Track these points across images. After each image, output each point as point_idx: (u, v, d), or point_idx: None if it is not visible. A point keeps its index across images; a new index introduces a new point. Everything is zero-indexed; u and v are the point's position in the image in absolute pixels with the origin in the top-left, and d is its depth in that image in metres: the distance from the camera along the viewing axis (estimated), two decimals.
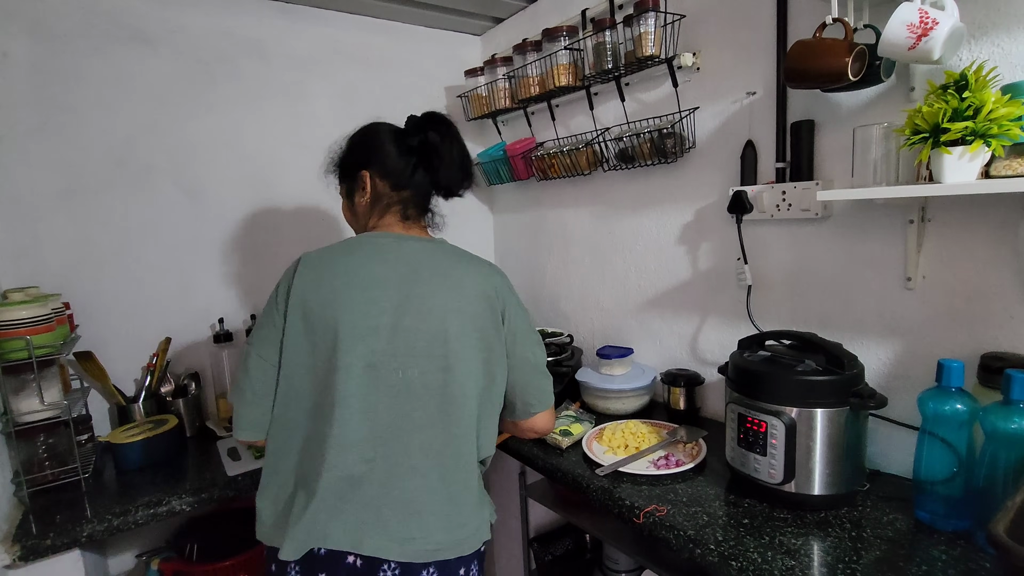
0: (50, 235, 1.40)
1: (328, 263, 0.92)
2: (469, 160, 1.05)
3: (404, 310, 0.89)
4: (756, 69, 1.24)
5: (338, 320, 0.87)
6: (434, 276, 0.93)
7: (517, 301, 1.01)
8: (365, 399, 0.87)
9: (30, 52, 1.36)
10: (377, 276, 0.91)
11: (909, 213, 1.02)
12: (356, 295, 0.89)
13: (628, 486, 1.11)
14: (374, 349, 0.88)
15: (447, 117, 1.02)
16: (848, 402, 0.95)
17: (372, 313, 0.88)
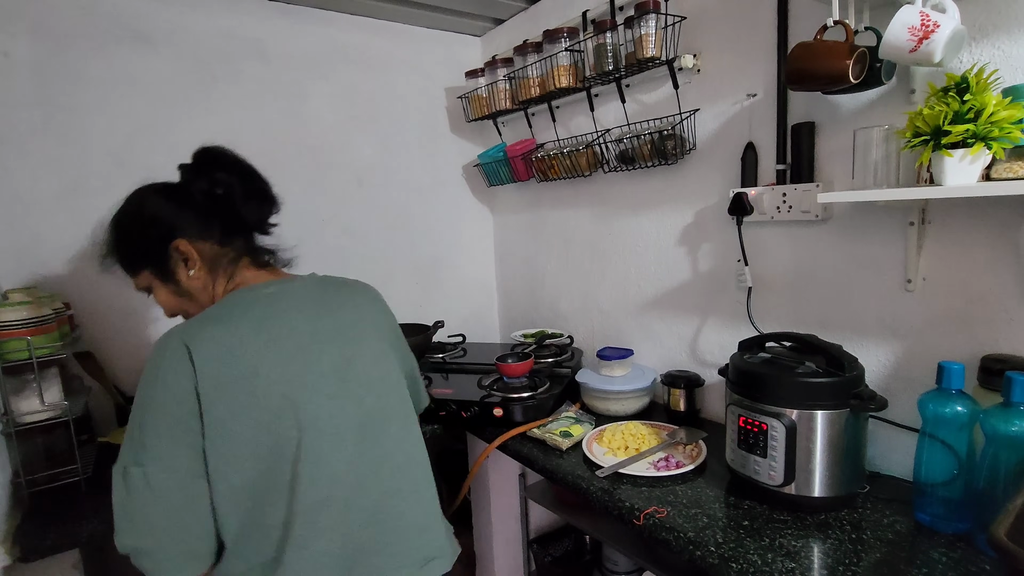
0: (51, 235, 1.40)
1: (230, 333, 0.77)
2: (266, 183, 0.93)
3: (335, 344, 0.85)
4: (757, 71, 1.25)
5: (286, 381, 0.78)
6: (342, 306, 0.90)
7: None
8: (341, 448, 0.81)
9: (31, 52, 1.36)
10: (293, 324, 0.82)
11: (910, 215, 1.02)
12: (284, 350, 0.80)
13: (628, 487, 1.11)
14: (331, 394, 0.81)
15: (223, 149, 0.92)
16: (848, 404, 0.95)
17: (311, 362, 0.81)
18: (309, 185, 1.76)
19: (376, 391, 0.87)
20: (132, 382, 1.50)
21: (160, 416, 0.74)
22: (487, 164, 1.93)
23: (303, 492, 0.77)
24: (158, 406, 0.74)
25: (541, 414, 1.44)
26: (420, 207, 2.01)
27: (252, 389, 0.76)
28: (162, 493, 0.73)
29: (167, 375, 0.74)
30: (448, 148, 2.06)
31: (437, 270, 2.08)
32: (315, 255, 1.82)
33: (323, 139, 1.79)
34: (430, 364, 1.79)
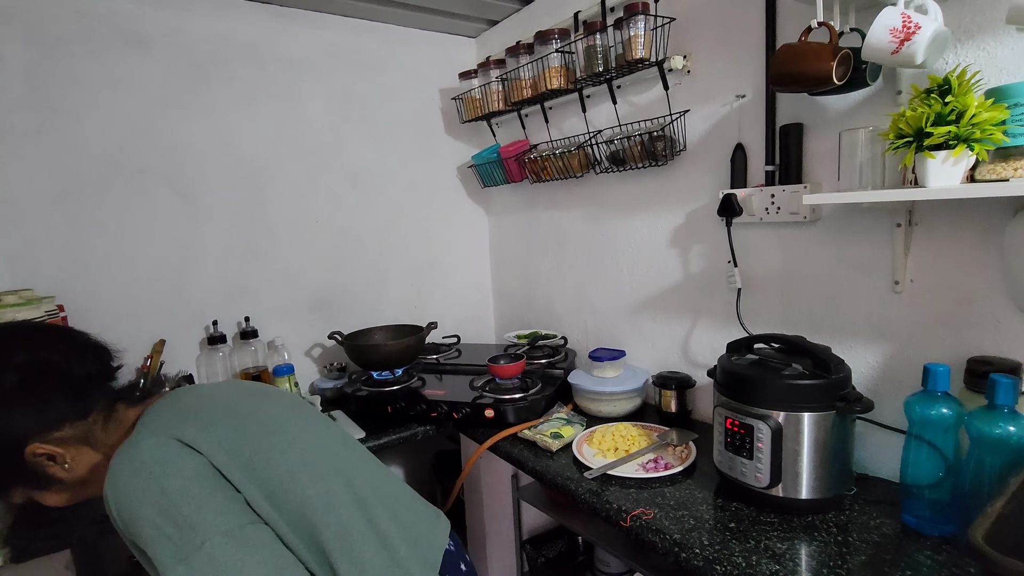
0: (45, 237, 1.41)
1: (208, 429, 0.74)
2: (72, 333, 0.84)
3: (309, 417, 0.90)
4: (745, 72, 1.24)
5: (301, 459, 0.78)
6: (267, 392, 0.93)
7: None
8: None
9: (25, 55, 1.37)
10: (255, 408, 0.84)
11: (896, 217, 1.02)
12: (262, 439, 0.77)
13: (616, 489, 1.11)
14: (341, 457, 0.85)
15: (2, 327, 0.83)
16: (835, 406, 0.95)
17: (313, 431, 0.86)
18: (303, 187, 1.77)
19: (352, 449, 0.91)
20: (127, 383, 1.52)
21: (192, 492, 0.67)
22: (481, 165, 1.93)
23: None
24: (180, 490, 0.66)
25: (532, 415, 1.44)
26: (414, 208, 2.01)
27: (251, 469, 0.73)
28: (252, 544, 0.67)
29: (172, 465, 0.68)
30: (442, 149, 2.07)
31: (432, 271, 2.09)
32: (310, 257, 1.85)
33: (317, 141, 1.80)
34: (424, 365, 1.79)
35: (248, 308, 1.69)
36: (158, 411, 0.78)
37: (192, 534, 0.64)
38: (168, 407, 0.79)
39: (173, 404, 0.80)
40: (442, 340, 1.98)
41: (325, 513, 0.74)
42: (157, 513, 0.65)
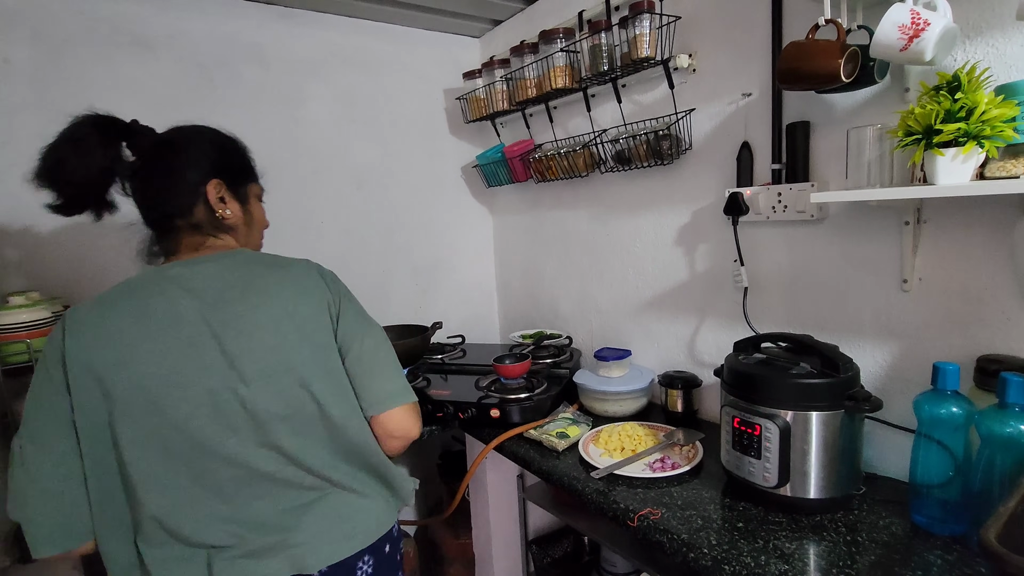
0: (51, 239, 1.42)
1: (105, 314, 0.78)
2: None
3: (227, 337, 0.79)
4: (751, 70, 1.24)
5: (144, 377, 0.76)
6: (247, 291, 0.82)
7: (348, 294, 0.93)
8: (226, 445, 0.79)
9: (31, 58, 1.37)
10: (178, 311, 0.79)
11: (904, 215, 1.01)
12: (161, 340, 0.77)
13: (623, 489, 1.10)
14: (210, 389, 0.78)
15: None
16: (843, 405, 0.95)
17: (191, 353, 0.78)
18: (308, 187, 1.77)
19: (272, 389, 0.80)
20: None
21: (37, 393, 0.77)
22: (486, 165, 1.93)
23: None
24: (37, 383, 0.77)
25: (538, 415, 1.44)
26: (419, 208, 2.01)
27: (114, 380, 0.76)
28: (33, 471, 0.75)
29: (45, 354, 0.77)
30: (447, 149, 2.07)
31: (437, 271, 2.09)
32: (314, 258, 1.84)
33: (322, 141, 1.80)
34: (429, 365, 1.79)
35: None
36: (123, 283, 0.83)
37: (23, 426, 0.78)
38: (126, 285, 0.83)
39: (135, 282, 0.83)
40: (447, 340, 1.98)
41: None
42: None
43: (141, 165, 0.89)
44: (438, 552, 1.88)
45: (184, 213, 0.87)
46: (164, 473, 0.78)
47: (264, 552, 0.80)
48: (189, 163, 0.89)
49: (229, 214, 0.90)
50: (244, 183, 0.95)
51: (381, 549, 0.89)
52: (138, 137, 0.89)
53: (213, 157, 0.91)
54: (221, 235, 0.90)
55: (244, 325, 0.80)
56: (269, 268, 0.87)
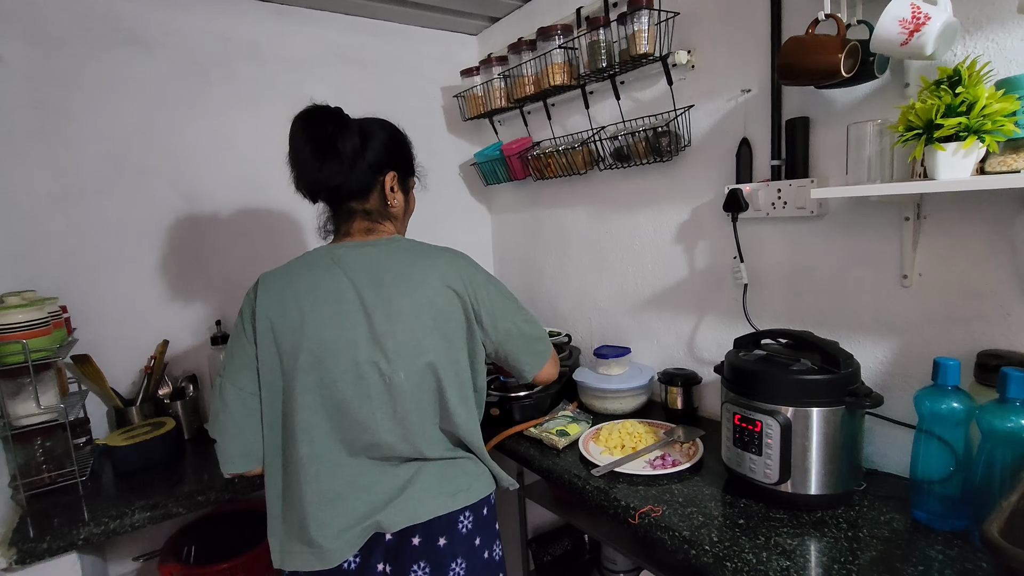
0: (47, 238, 1.41)
1: (288, 282, 0.94)
2: None
3: (375, 318, 0.90)
4: (750, 66, 1.24)
5: (310, 339, 0.89)
6: (397, 278, 0.93)
7: (486, 278, 1.01)
8: (360, 410, 0.91)
9: (26, 55, 1.36)
10: (340, 288, 0.92)
11: (905, 210, 1.01)
12: (325, 311, 0.90)
13: (624, 486, 1.10)
14: (356, 360, 0.90)
15: None
16: (844, 401, 0.95)
17: (345, 326, 0.90)
18: None
19: (406, 369, 0.91)
20: (130, 385, 1.52)
21: (234, 339, 0.94)
22: (484, 163, 1.93)
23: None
24: (235, 331, 0.95)
25: (538, 413, 1.43)
26: (417, 206, 2.00)
27: (284, 343, 0.91)
28: (228, 405, 0.91)
29: (242, 309, 0.95)
30: (445, 147, 2.06)
31: None
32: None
33: None
34: None
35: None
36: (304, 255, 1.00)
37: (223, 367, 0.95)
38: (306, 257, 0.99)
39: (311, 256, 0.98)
40: None
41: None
42: None
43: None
44: None
45: (362, 197, 0.98)
46: (315, 423, 0.90)
47: (384, 505, 0.91)
48: (379, 152, 0.98)
49: (396, 203, 1.02)
50: (409, 175, 1.06)
51: (480, 510, 0.98)
52: (350, 123, 0.95)
53: (392, 150, 1.01)
54: (385, 222, 1.02)
55: (391, 308, 0.91)
56: (419, 258, 0.96)
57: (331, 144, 0.92)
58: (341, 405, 0.90)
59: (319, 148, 0.92)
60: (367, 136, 0.97)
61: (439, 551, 0.92)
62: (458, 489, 0.96)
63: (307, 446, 0.90)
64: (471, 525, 0.96)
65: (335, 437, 0.91)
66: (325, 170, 0.92)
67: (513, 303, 1.04)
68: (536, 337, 1.06)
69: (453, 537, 0.94)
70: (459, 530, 0.95)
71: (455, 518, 0.94)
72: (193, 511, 1.20)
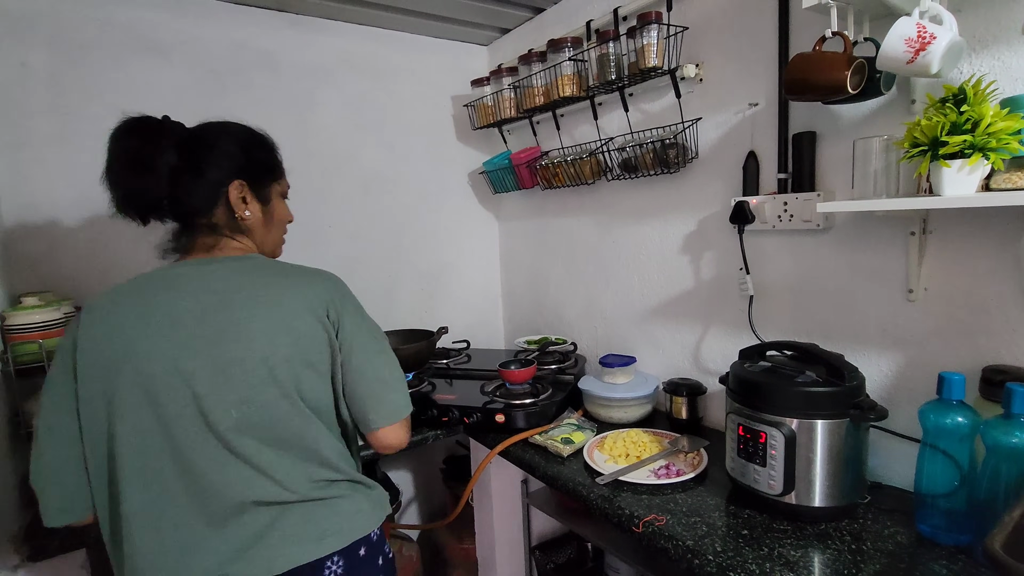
0: (65, 241, 1.43)
1: (114, 308, 0.81)
2: None
3: (220, 343, 0.80)
4: (758, 80, 1.25)
5: (141, 373, 0.78)
6: (249, 299, 0.82)
7: (356, 308, 0.92)
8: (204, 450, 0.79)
9: (48, 62, 1.40)
10: (177, 312, 0.80)
11: (910, 225, 1.02)
12: (158, 339, 0.79)
13: (628, 495, 1.11)
14: (196, 393, 0.78)
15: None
16: (848, 414, 0.95)
17: (182, 356, 0.78)
18: (316, 192, 1.79)
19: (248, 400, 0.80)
20: None
21: (51, 377, 0.81)
22: (492, 172, 1.95)
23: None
24: (53, 368, 0.82)
25: (543, 421, 1.44)
26: (426, 214, 2.03)
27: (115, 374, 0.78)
28: (42, 450, 0.80)
29: (63, 341, 0.82)
30: (454, 156, 2.09)
31: (442, 276, 2.10)
32: (322, 262, 1.85)
33: (330, 147, 1.82)
34: (434, 370, 1.80)
35: None
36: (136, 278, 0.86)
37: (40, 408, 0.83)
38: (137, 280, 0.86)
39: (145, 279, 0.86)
40: (452, 345, 1.99)
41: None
42: None
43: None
44: (441, 556, 1.88)
45: (204, 212, 0.88)
46: (145, 470, 0.78)
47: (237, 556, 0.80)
48: (214, 162, 0.88)
49: (248, 215, 0.91)
50: (268, 183, 0.95)
51: (355, 551, 0.87)
52: (168, 133, 0.88)
53: (238, 157, 0.90)
54: (238, 236, 0.91)
55: (240, 333, 0.80)
56: (275, 277, 0.87)
57: (139, 159, 0.85)
58: (181, 446, 0.79)
59: (129, 163, 0.85)
60: (200, 145, 0.88)
61: None
62: (326, 532, 0.84)
63: (138, 495, 0.78)
64: (341, 571, 0.84)
65: (175, 483, 0.79)
66: (137, 185, 0.85)
67: (377, 343, 0.93)
68: (392, 387, 0.92)
69: None
70: None
71: (320, 565, 0.83)
72: None
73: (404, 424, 0.95)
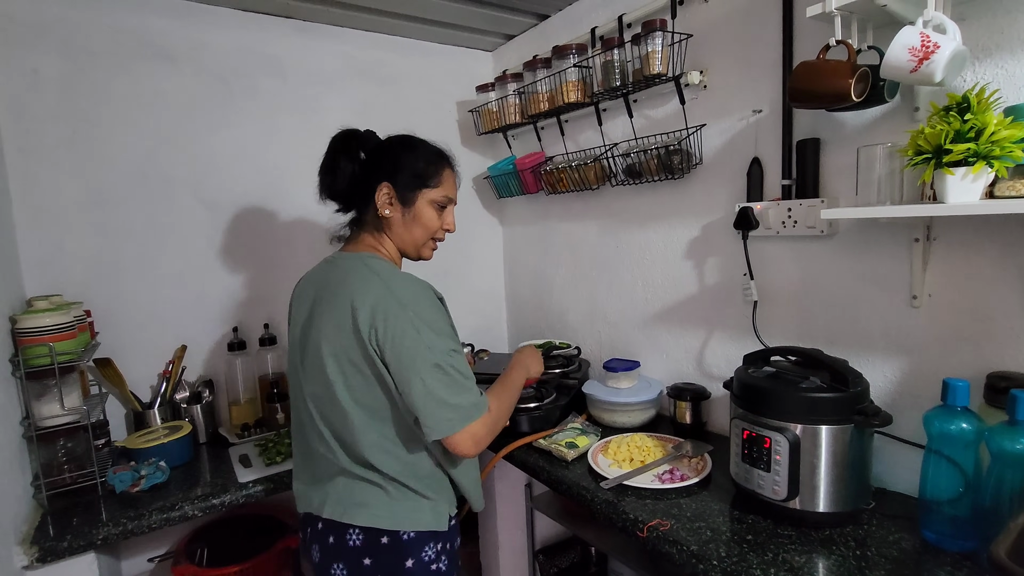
0: (74, 244, 1.45)
1: (302, 286, 1.11)
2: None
3: (307, 328, 1.03)
4: (762, 87, 1.26)
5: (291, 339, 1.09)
6: (326, 295, 1.01)
7: (406, 321, 0.93)
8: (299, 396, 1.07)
9: (59, 69, 1.41)
10: (304, 295, 1.08)
11: (914, 232, 1.03)
12: (298, 319, 1.07)
13: (632, 500, 1.11)
14: (295, 365, 1.06)
15: None
16: (853, 420, 0.95)
17: (297, 335, 1.06)
18: None
19: (312, 379, 1.02)
20: (148, 388, 1.55)
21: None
22: (497, 176, 1.96)
23: None
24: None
25: (547, 425, 1.45)
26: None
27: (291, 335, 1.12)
28: None
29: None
30: (459, 160, 2.08)
31: (447, 280, 2.08)
32: None
33: None
34: None
35: (268, 315, 1.72)
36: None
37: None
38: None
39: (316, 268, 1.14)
40: None
41: None
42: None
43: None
44: None
45: (361, 208, 1.10)
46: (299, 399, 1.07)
47: (314, 485, 1.05)
48: (377, 168, 1.08)
49: (388, 214, 1.07)
50: (415, 188, 1.08)
51: (377, 537, 0.98)
52: (358, 144, 1.11)
53: (394, 164, 1.07)
54: (377, 234, 1.10)
55: (314, 323, 1.01)
56: (342, 280, 1.00)
57: (332, 161, 1.09)
58: (296, 403, 1.08)
59: (325, 164, 1.10)
60: (375, 153, 1.10)
61: (328, 547, 1.00)
62: (361, 505, 0.99)
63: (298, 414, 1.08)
64: (360, 544, 0.98)
65: (298, 431, 1.09)
66: (327, 181, 1.09)
67: (429, 358, 0.92)
68: (444, 404, 0.92)
69: (341, 544, 0.99)
70: (347, 542, 0.98)
71: (344, 529, 0.99)
72: (207, 514, 1.22)
73: (471, 436, 0.96)
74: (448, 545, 1.06)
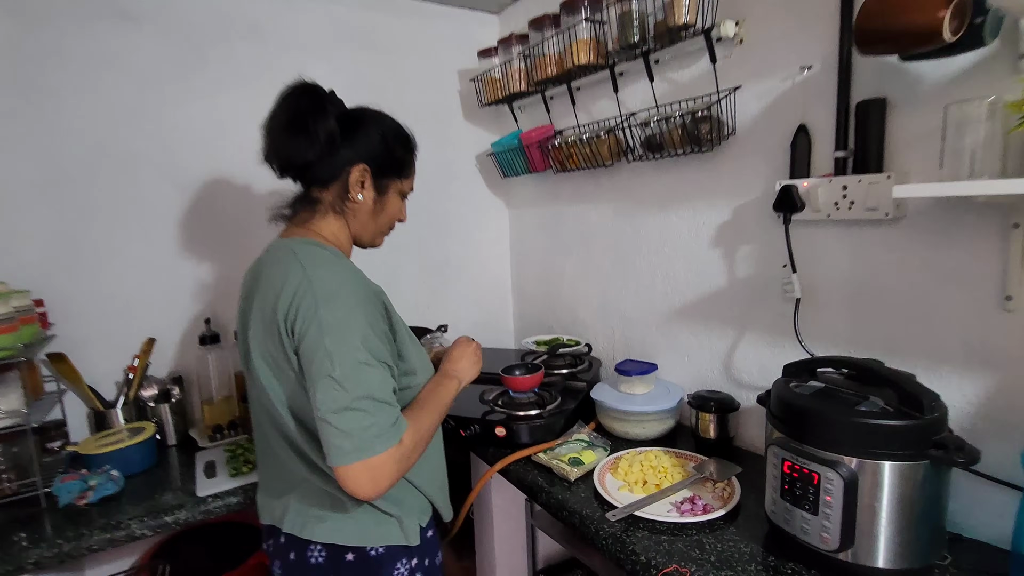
0: (26, 227, 1.31)
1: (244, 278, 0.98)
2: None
3: (244, 329, 0.91)
4: (813, 38, 1.04)
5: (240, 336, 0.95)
6: (257, 291, 0.88)
7: (312, 321, 0.77)
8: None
9: (6, 30, 1.27)
10: (243, 290, 0.95)
11: (1015, 215, 0.80)
12: (239, 309, 0.95)
13: (644, 535, 0.93)
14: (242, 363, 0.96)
15: None
16: (928, 455, 0.75)
17: (239, 329, 0.95)
18: None
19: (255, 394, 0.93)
20: (114, 385, 1.42)
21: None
22: (501, 153, 1.77)
23: None
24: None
25: (550, 435, 1.27)
26: (429, 200, 1.86)
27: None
28: None
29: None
30: (460, 136, 1.91)
31: (447, 269, 1.93)
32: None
33: None
34: None
35: None
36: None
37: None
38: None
39: None
40: None
41: None
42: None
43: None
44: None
45: (322, 184, 0.93)
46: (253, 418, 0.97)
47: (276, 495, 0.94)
48: (354, 141, 0.92)
49: (360, 199, 0.94)
50: (391, 177, 0.98)
51: (340, 554, 0.88)
52: (332, 106, 0.91)
53: (376, 145, 0.94)
54: (332, 217, 0.94)
55: (251, 324, 0.88)
56: (270, 272, 0.87)
57: (302, 120, 0.88)
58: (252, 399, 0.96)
59: (291, 121, 0.89)
60: (354, 123, 0.93)
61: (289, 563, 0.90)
62: (312, 517, 0.88)
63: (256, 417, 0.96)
64: (323, 561, 0.87)
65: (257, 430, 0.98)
66: (291, 144, 0.89)
67: (323, 359, 0.76)
68: (333, 425, 0.75)
69: (302, 561, 0.88)
70: (308, 559, 0.88)
71: (305, 545, 0.88)
72: (161, 532, 1.08)
73: (361, 474, 0.75)
74: (426, 561, 0.95)
